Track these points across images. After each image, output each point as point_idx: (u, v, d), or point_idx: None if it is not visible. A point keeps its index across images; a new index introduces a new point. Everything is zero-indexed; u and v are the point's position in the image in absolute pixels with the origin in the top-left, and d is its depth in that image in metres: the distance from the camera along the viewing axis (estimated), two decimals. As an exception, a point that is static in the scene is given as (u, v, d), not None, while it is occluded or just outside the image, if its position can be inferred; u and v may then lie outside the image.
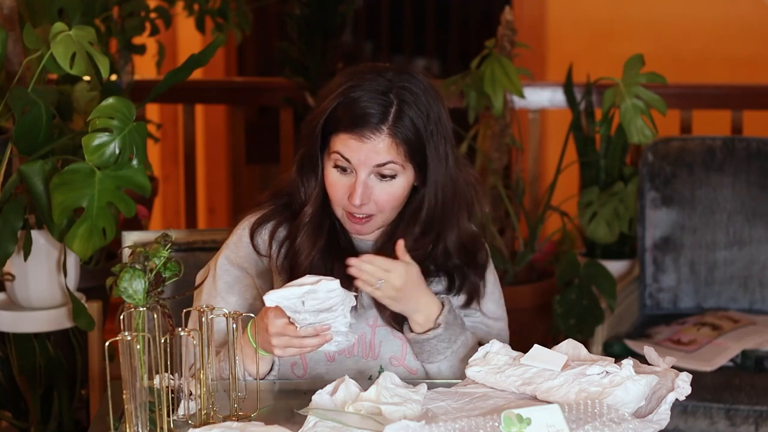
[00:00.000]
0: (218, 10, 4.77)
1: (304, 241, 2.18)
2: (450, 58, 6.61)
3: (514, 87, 3.95)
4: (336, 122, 2.13)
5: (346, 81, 2.15)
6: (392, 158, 2.12)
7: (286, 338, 2.01)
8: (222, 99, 5.23)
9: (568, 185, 4.38)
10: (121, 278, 1.98)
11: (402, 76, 2.15)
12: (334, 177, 2.16)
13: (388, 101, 2.12)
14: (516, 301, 4.07)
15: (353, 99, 2.12)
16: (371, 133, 2.11)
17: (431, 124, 2.15)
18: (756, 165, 3.70)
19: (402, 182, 2.16)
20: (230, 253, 2.24)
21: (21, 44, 2.98)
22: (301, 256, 2.18)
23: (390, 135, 2.11)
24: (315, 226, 2.20)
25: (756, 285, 3.69)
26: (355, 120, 2.11)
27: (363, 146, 2.11)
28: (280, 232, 2.23)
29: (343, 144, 2.12)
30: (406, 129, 2.12)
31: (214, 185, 5.99)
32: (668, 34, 5.41)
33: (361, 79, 2.14)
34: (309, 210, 2.20)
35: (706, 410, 3.23)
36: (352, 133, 2.11)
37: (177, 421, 1.93)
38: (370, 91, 2.12)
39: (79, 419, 3.45)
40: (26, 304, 3.05)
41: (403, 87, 2.14)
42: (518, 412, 1.74)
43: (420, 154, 2.15)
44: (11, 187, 2.77)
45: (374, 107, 2.11)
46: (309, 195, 2.20)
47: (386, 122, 2.11)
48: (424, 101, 2.15)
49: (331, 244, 2.20)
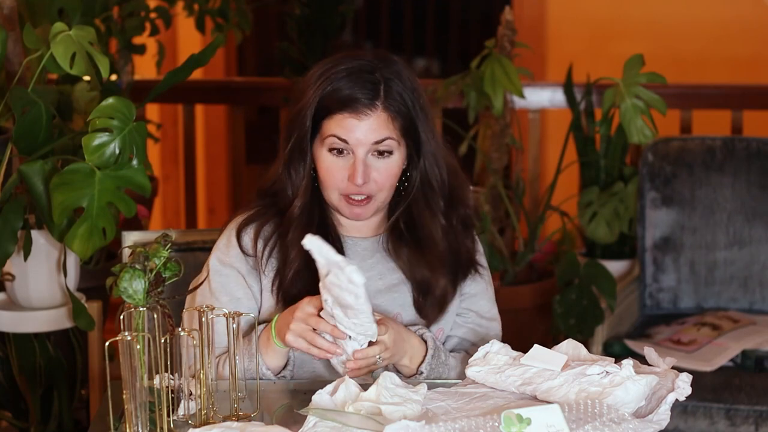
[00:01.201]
0: (218, 10, 4.77)
1: (297, 235, 2.15)
2: (450, 58, 6.61)
3: (514, 87, 3.95)
4: (326, 107, 2.15)
5: (325, 70, 2.17)
6: (389, 134, 2.15)
7: (304, 326, 2.02)
8: (222, 99, 5.23)
9: (568, 185, 4.38)
10: (121, 278, 1.98)
11: (380, 58, 2.19)
12: (330, 161, 2.17)
13: (375, 79, 2.15)
14: (516, 301, 4.07)
15: (340, 81, 2.14)
16: (367, 110, 2.13)
17: (419, 99, 2.19)
18: (756, 165, 3.70)
19: (398, 159, 2.18)
20: (221, 255, 2.25)
21: (21, 44, 2.98)
22: (294, 250, 2.18)
23: (385, 110, 2.14)
24: (306, 219, 2.21)
25: (756, 285, 3.69)
26: (348, 100, 2.13)
27: (360, 124, 2.13)
28: (265, 230, 2.24)
29: (338, 125, 2.14)
30: (398, 104, 2.15)
31: (214, 185, 5.99)
32: (668, 34, 5.41)
33: (341, 63, 2.17)
34: (299, 203, 2.21)
35: (706, 410, 3.23)
36: (348, 113, 2.13)
37: (177, 421, 1.93)
38: (355, 72, 2.15)
39: (79, 419, 3.45)
40: (26, 304, 3.05)
41: (385, 66, 2.17)
42: (518, 412, 1.74)
43: (413, 128, 2.18)
44: (11, 187, 2.77)
45: (365, 85, 2.14)
46: (297, 188, 2.21)
47: (379, 98, 2.14)
48: (407, 78, 2.18)
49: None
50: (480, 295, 2.31)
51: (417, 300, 2.24)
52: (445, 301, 2.25)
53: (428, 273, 2.22)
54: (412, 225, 2.24)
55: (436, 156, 2.22)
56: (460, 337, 2.30)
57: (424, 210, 2.24)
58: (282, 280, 2.20)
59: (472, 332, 2.30)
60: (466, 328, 2.30)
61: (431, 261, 2.22)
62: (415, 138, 2.19)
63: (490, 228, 4.06)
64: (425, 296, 2.22)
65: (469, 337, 2.30)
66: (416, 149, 2.20)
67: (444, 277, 2.23)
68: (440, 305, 2.24)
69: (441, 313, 2.25)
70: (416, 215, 2.24)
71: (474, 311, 2.30)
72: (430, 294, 2.22)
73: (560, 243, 4.24)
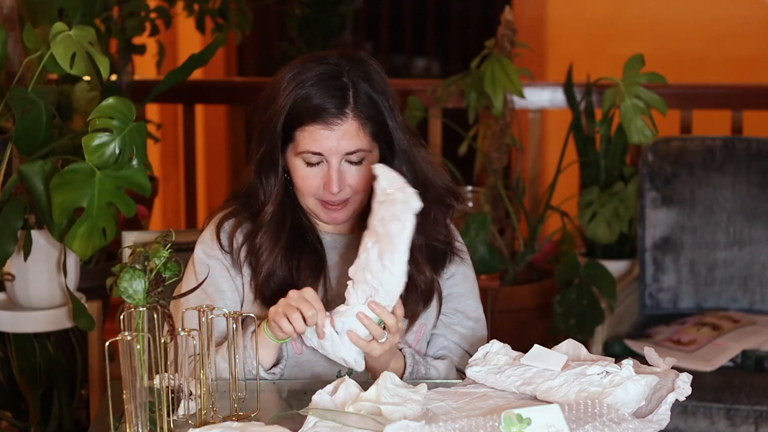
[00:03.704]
0: (218, 10, 4.77)
1: (266, 240, 2.20)
2: (450, 58, 6.61)
3: (514, 87, 3.95)
4: (297, 117, 2.15)
5: (293, 75, 2.16)
6: (360, 144, 2.15)
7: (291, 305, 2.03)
8: (222, 99, 5.23)
9: (568, 185, 4.38)
10: (121, 278, 1.98)
11: (345, 57, 2.18)
12: (305, 171, 2.17)
13: (343, 84, 2.14)
14: (516, 301, 4.07)
15: (308, 90, 2.14)
16: (337, 119, 2.13)
17: (388, 100, 2.19)
18: (756, 165, 3.70)
19: (372, 162, 2.17)
20: (206, 247, 2.26)
21: (21, 44, 2.98)
22: (263, 254, 2.20)
23: (355, 117, 2.14)
24: (276, 224, 2.21)
25: (756, 285, 3.69)
26: (317, 111, 2.13)
27: (332, 134, 2.13)
28: (240, 230, 2.25)
29: (311, 138, 2.14)
30: (368, 107, 2.15)
31: (214, 185, 5.99)
32: (668, 34, 5.41)
33: (308, 70, 2.16)
34: (270, 209, 2.22)
35: (706, 410, 3.23)
36: (319, 124, 2.13)
37: (177, 421, 1.93)
38: (323, 79, 2.14)
39: (79, 419, 3.45)
40: (26, 304, 3.05)
41: (352, 67, 2.17)
42: (518, 412, 1.74)
43: (384, 129, 2.18)
44: (11, 187, 2.77)
45: (333, 92, 2.13)
46: (269, 194, 2.22)
47: (348, 105, 2.14)
48: (376, 79, 2.18)
49: (295, 240, 2.22)
50: (467, 295, 2.31)
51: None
52: (430, 293, 2.25)
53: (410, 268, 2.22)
54: None
55: (408, 152, 2.22)
56: (446, 338, 2.30)
57: None
58: (256, 281, 2.22)
59: (458, 335, 2.30)
60: (452, 330, 2.30)
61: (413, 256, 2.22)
62: (387, 139, 2.20)
63: (490, 228, 4.06)
64: (408, 291, 2.22)
65: (454, 339, 2.30)
66: (389, 149, 2.21)
67: (426, 269, 2.24)
68: (425, 298, 2.25)
69: (425, 306, 2.26)
70: None
71: (461, 311, 2.30)
72: (414, 289, 2.22)
73: (560, 243, 4.24)
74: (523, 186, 4.29)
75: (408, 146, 2.22)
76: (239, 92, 5.03)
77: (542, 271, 4.28)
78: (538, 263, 4.28)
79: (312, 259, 2.22)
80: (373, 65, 2.20)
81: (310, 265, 2.20)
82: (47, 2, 3.20)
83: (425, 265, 2.23)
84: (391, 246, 1.98)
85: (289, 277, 2.19)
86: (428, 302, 2.26)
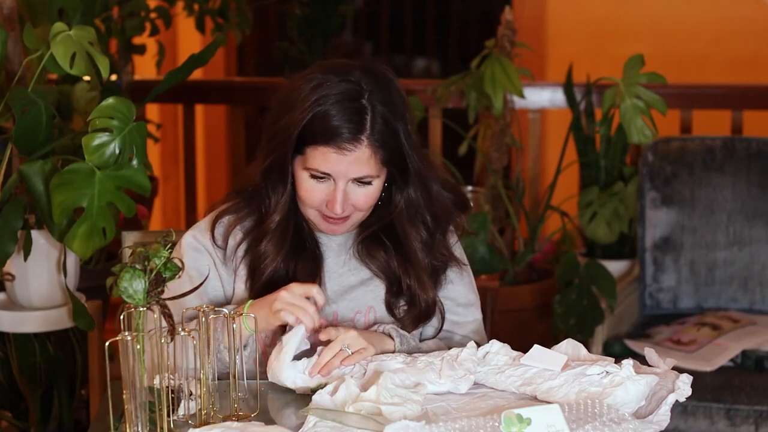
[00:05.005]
0: (218, 10, 4.77)
1: (270, 248, 2.20)
2: (450, 58, 6.61)
3: (514, 87, 3.95)
4: (312, 134, 2.12)
5: (313, 87, 2.13)
6: (370, 171, 2.13)
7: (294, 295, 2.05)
8: (222, 99, 5.23)
9: (568, 185, 4.38)
10: (121, 278, 1.97)
11: (369, 75, 2.14)
12: (310, 184, 2.16)
13: (362, 107, 2.11)
14: (516, 301, 4.07)
15: (327, 108, 2.10)
16: (351, 145, 2.11)
17: (407, 125, 2.16)
18: (756, 165, 3.70)
19: (378, 185, 2.17)
20: (198, 234, 2.27)
21: (21, 44, 2.98)
22: (266, 261, 2.21)
23: (369, 145, 2.11)
24: (281, 233, 2.21)
25: (756, 285, 3.69)
26: (333, 133, 2.10)
27: (343, 159, 2.11)
28: (239, 228, 2.25)
29: (322, 158, 2.12)
30: (383, 135, 2.12)
31: (214, 185, 5.99)
32: (668, 34, 5.41)
33: (330, 85, 2.12)
34: (276, 218, 2.21)
35: (706, 410, 3.23)
36: (332, 147, 2.11)
37: (177, 421, 1.93)
38: (342, 99, 2.11)
39: (79, 419, 3.45)
40: (26, 304, 3.05)
41: (374, 88, 2.13)
42: (518, 412, 1.74)
43: (398, 155, 2.16)
44: (11, 187, 2.77)
45: (351, 116, 2.10)
46: (276, 203, 2.21)
47: (364, 131, 2.11)
48: (395, 99, 2.15)
49: (295, 247, 2.22)
50: (456, 282, 2.31)
51: (389, 291, 2.25)
52: (429, 312, 2.25)
53: (414, 288, 2.22)
54: (393, 236, 2.25)
55: (421, 174, 2.20)
56: (434, 327, 2.30)
57: (407, 226, 2.24)
58: (252, 284, 2.23)
59: (447, 321, 2.30)
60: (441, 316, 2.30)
61: (418, 275, 2.23)
62: (400, 163, 2.18)
63: (490, 228, 4.06)
64: (408, 310, 2.22)
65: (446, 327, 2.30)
66: (402, 174, 2.19)
67: (430, 290, 2.24)
68: (423, 317, 2.25)
69: (421, 325, 2.27)
70: (399, 231, 2.24)
71: (450, 298, 2.31)
72: (413, 307, 2.23)
73: (560, 243, 4.24)
74: (523, 186, 4.29)
75: (421, 168, 2.20)
76: (239, 92, 5.03)
77: (542, 271, 4.28)
78: (538, 263, 4.28)
79: (309, 262, 2.23)
80: (395, 84, 2.17)
81: (308, 268, 2.21)
82: (47, 2, 3.20)
83: (429, 285, 2.24)
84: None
85: (286, 278, 2.19)
86: (425, 321, 2.26)
